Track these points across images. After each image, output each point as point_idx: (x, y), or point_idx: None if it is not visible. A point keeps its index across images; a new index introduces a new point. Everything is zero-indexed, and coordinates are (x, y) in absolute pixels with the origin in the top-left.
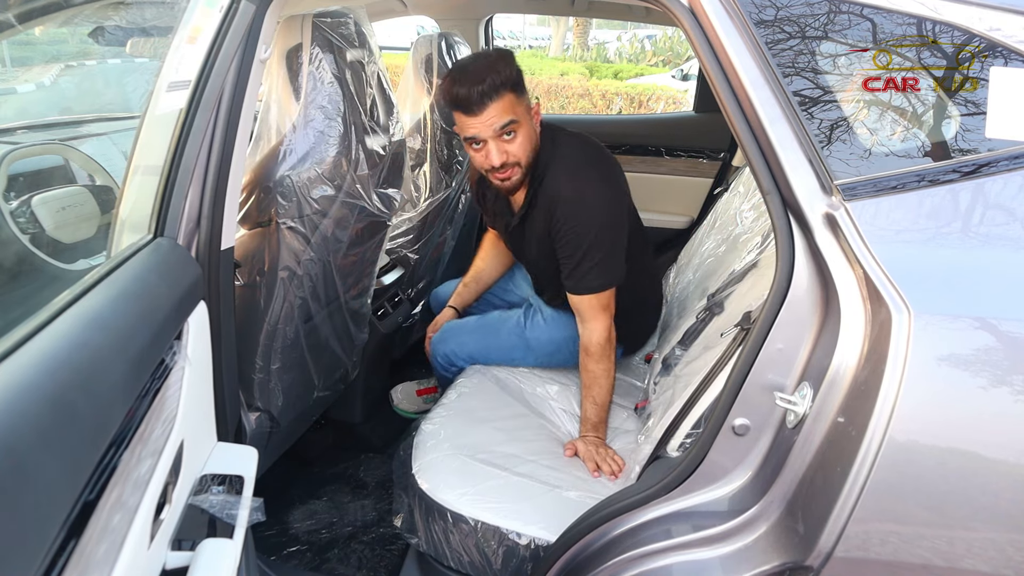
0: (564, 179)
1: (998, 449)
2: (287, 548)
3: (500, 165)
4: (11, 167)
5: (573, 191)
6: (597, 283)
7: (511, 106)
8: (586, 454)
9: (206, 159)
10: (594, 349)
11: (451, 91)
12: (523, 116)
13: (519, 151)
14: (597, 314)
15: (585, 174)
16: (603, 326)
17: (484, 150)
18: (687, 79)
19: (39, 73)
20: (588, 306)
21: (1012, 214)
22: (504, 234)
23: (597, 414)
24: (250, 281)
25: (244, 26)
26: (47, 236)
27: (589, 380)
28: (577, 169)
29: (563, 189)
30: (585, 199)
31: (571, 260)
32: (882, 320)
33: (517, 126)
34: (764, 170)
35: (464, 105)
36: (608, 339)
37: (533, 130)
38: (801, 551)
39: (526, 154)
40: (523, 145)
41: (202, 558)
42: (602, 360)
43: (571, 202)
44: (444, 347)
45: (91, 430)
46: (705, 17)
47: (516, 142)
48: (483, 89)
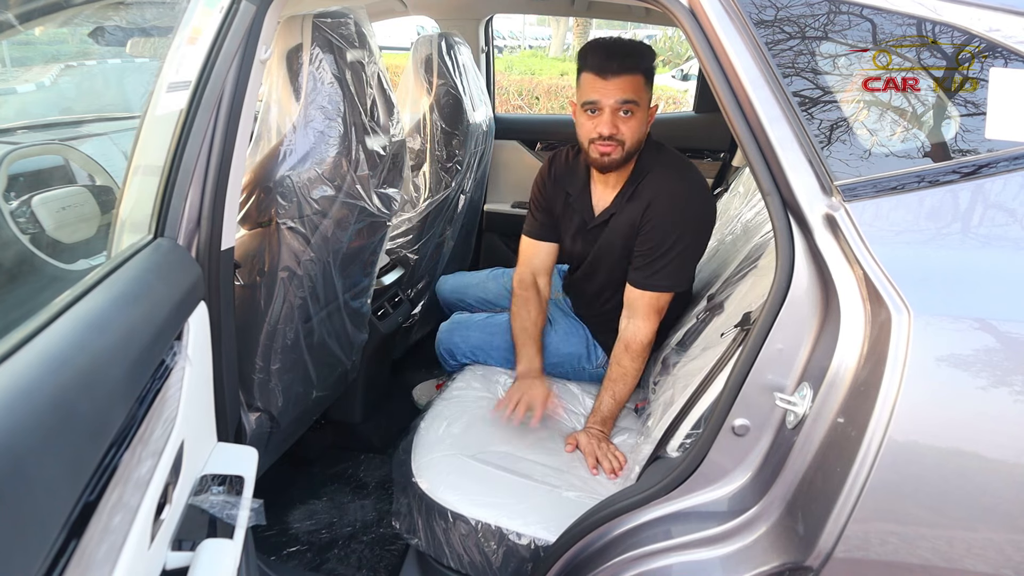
0: (673, 176)
1: (998, 449)
2: (287, 548)
3: (609, 136)
4: (11, 167)
5: (681, 189)
6: (666, 283)
7: (638, 88)
8: (587, 447)
9: (206, 159)
10: (635, 347)
11: (592, 52)
12: (643, 104)
13: (628, 132)
14: (650, 314)
15: (691, 178)
16: (650, 327)
17: (599, 118)
18: (687, 79)
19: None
20: (646, 303)
21: (1012, 215)
22: (571, 234)
23: (611, 409)
24: (250, 281)
25: (244, 26)
26: (47, 236)
27: (617, 375)
28: (685, 173)
29: (671, 185)
30: (689, 199)
31: (650, 254)
32: (882, 321)
33: (636, 108)
34: (764, 170)
35: (599, 68)
36: (650, 342)
37: (645, 125)
38: (801, 551)
39: (632, 139)
40: (633, 129)
41: (202, 558)
42: (637, 359)
43: (676, 196)
44: (449, 338)
45: (92, 431)
46: (705, 17)
47: (630, 123)
48: (624, 61)
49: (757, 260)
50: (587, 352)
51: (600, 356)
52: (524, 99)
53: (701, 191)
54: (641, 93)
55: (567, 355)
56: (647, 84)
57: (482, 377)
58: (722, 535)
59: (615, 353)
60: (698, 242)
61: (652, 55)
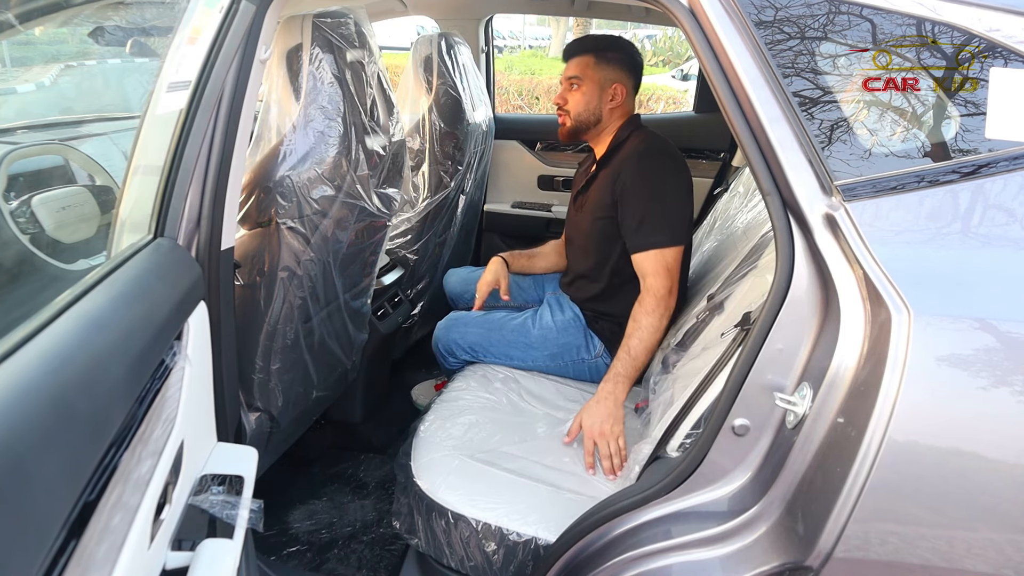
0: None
1: (998, 449)
2: (287, 548)
3: (558, 105)
4: (11, 167)
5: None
6: (663, 238)
7: (583, 67)
8: (590, 428)
9: (206, 159)
10: (648, 301)
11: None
12: (590, 80)
13: (572, 103)
14: (660, 271)
15: (659, 146)
16: (661, 282)
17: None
18: (687, 79)
19: (39, 73)
20: (652, 263)
21: (1012, 215)
22: (573, 206)
23: (626, 365)
24: (250, 281)
25: (244, 26)
26: (47, 236)
27: (631, 330)
28: (652, 140)
29: (636, 148)
30: (656, 158)
31: (636, 215)
32: (882, 320)
33: (580, 83)
34: (764, 170)
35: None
36: (667, 295)
37: (595, 100)
38: (801, 551)
39: (576, 109)
40: (578, 101)
41: (202, 558)
42: (651, 315)
43: (643, 157)
44: (447, 335)
45: (91, 430)
46: (705, 17)
47: (574, 95)
48: (575, 45)
49: (757, 260)
50: (584, 342)
51: (598, 345)
52: (524, 99)
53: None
54: (586, 71)
55: (565, 344)
56: (597, 64)
57: (481, 377)
58: (722, 535)
59: (632, 313)
60: (678, 196)
61: (609, 42)
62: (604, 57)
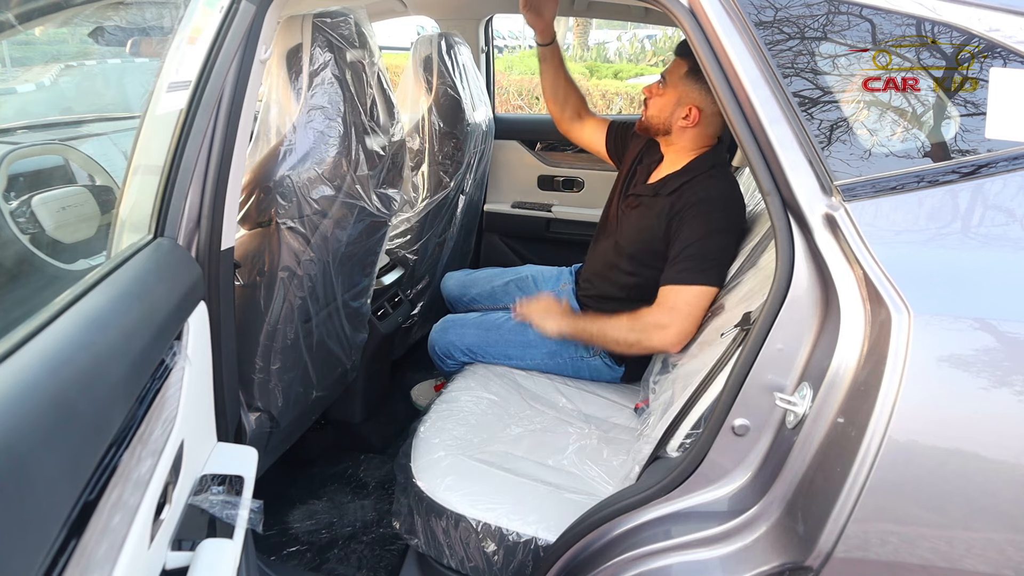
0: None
1: (998, 449)
2: (287, 548)
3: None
4: (11, 167)
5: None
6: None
7: (674, 73)
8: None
9: (206, 159)
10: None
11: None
12: (672, 88)
13: (652, 104)
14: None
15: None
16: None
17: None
18: None
19: (39, 73)
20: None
21: (1011, 215)
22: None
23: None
24: (250, 281)
25: (244, 26)
26: (47, 236)
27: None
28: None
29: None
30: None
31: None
32: (882, 320)
33: (666, 88)
34: (764, 170)
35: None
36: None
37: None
38: (801, 551)
39: (651, 112)
40: (655, 103)
41: (202, 558)
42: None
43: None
44: (443, 337)
45: (91, 430)
46: (705, 17)
47: (660, 94)
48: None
49: (757, 260)
50: None
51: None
52: (524, 99)
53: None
54: (678, 80)
55: (563, 342)
56: (687, 76)
57: (481, 377)
58: (722, 535)
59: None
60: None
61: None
62: (699, 73)
